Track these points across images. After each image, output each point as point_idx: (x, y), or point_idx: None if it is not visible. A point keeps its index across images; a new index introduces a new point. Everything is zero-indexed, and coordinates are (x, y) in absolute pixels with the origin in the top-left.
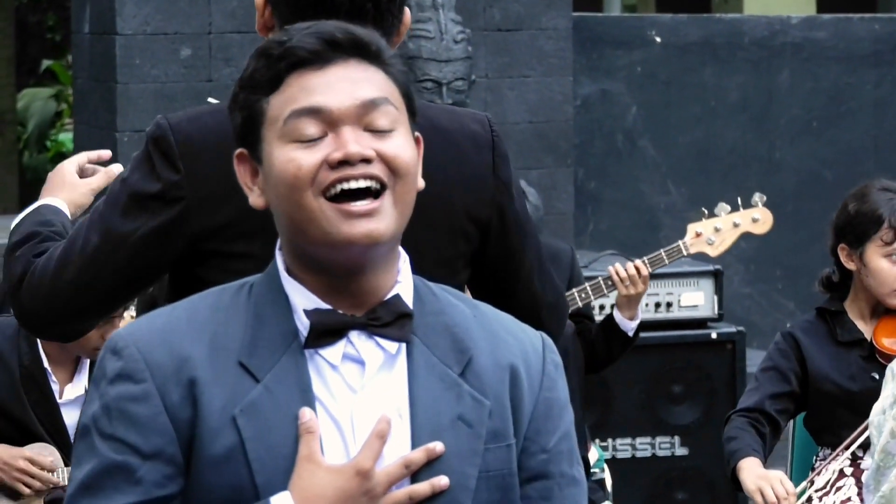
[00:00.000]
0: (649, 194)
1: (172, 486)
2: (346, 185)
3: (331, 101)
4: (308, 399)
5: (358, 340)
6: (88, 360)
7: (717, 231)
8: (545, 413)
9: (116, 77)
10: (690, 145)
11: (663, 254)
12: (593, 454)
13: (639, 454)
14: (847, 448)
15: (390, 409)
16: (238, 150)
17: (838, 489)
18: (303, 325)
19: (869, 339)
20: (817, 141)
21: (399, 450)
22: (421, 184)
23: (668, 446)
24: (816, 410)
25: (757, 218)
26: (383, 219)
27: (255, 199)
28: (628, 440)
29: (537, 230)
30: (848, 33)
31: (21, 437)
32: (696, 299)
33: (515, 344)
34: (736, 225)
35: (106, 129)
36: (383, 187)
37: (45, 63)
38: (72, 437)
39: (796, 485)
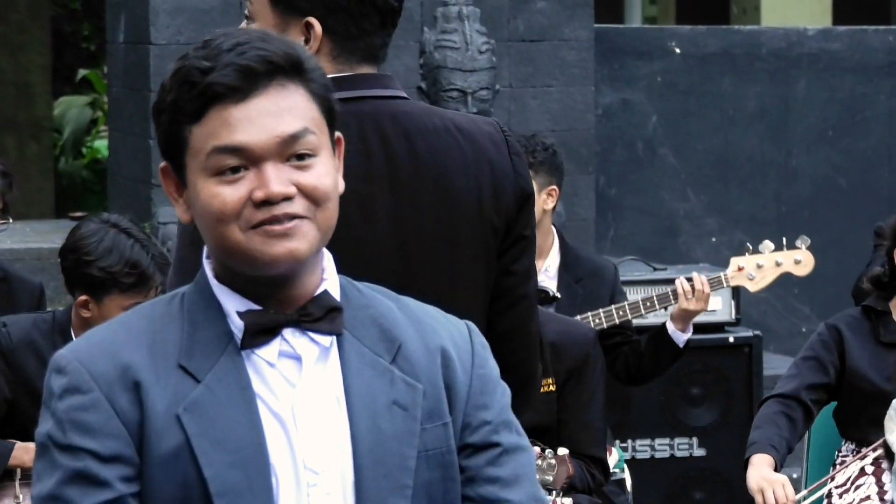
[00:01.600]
0: (669, 201)
1: (133, 485)
2: (268, 227)
3: (251, 138)
4: (249, 396)
5: (292, 337)
6: None
7: (759, 268)
8: (480, 388)
9: (150, 85)
10: (709, 153)
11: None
12: (614, 455)
13: (658, 455)
14: (876, 450)
15: (329, 397)
16: (163, 164)
17: (858, 487)
18: (236, 327)
19: None
20: (833, 149)
21: (339, 435)
22: (341, 186)
23: (686, 447)
24: (848, 405)
25: (799, 260)
26: (304, 239)
27: (182, 213)
28: (647, 441)
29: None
30: (863, 45)
31: None
32: (714, 304)
33: (441, 329)
34: (778, 264)
35: (140, 136)
36: (304, 218)
37: (81, 72)
38: None
39: (813, 480)
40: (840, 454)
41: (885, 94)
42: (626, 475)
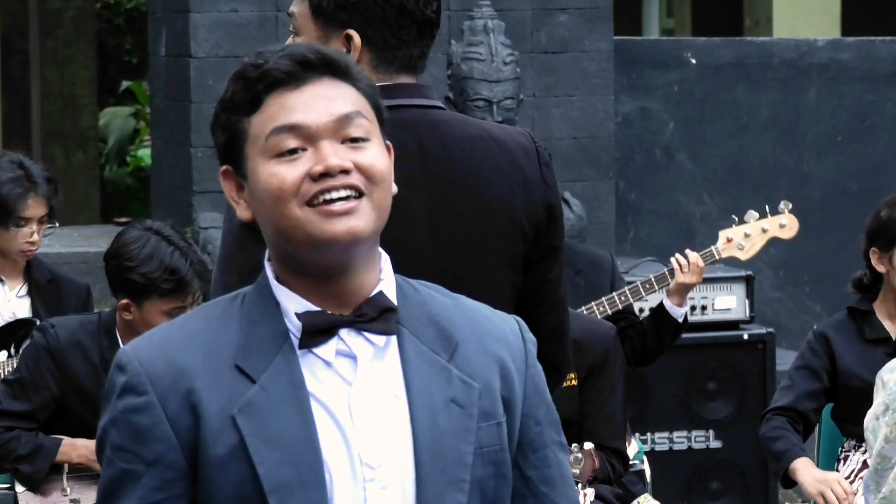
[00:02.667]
0: (685, 204)
1: (174, 488)
2: (327, 196)
3: (309, 117)
4: (302, 395)
5: (348, 337)
6: None
7: (746, 237)
8: (533, 388)
9: (191, 97)
10: (724, 159)
11: (699, 256)
12: (633, 447)
13: (676, 447)
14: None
15: (386, 394)
16: (223, 167)
17: (861, 479)
18: (294, 326)
19: (894, 338)
20: (842, 154)
21: (397, 430)
22: (394, 188)
23: (703, 440)
24: (843, 403)
25: (784, 224)
26: (362, 217)
27: (242, 212)
28: (666, 434)
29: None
30: (871, 54)
31: None
32: (728, 303)
33: (495, 329)
34: (764, 230)
35: (181, 145)
36: (361, 194)
37: (124, 84)
38: None
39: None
40: (843, 450)
41: (893, 102)
42: (646, 466)
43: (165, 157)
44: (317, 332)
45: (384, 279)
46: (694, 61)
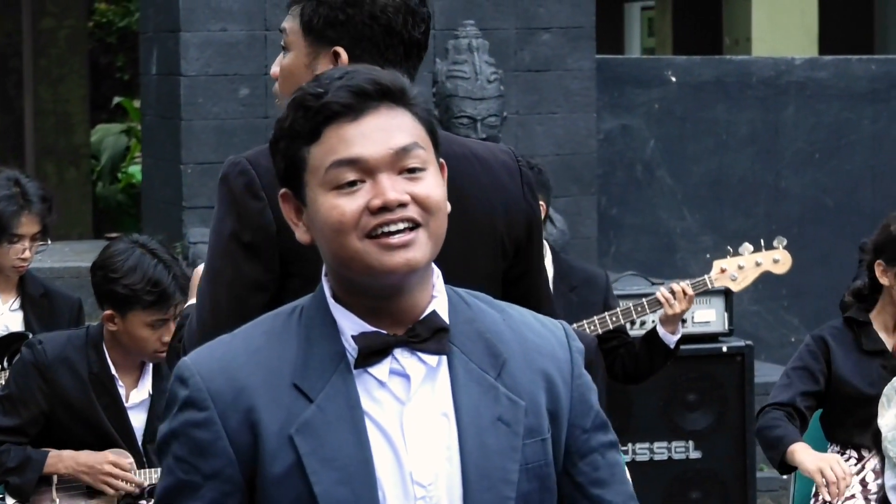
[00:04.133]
0: (666, 220)
1: (230, 501)
2: (385, 229)
3: (367, 151)
4: (357, 416)
5: (402, 357)
6: (151, 366)
7: (740, 268)
8: (580, 398)
9: (181, 114)
10: (704, 175)
11: (690, 285)
12: None
13: (656, 457)
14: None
15: (436, 413)
16: (283, 191)
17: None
18: (350, 346)
19: (891, 350)
20: (820, 171)
21: (446, 449)
22: (448, 207)
23: (683, 450)
24: (834, 409)
25: (778, 259)
26: (419, 249)
27: (302, 234)
28: (647, 444)
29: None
30: (847, 73)
31: (95, 440)
32: (708, 316)
33: (543, 343)
34: (758, 264)
35: (171, 161)
36: (417, 225)
37: (116, 99)
38: (139, 440)
39: (803, 478)
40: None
41: (869, 119)
42: (627, 476)
43: (156, 173)
44: (372, 353)
45: (437, 296)
46: (674, 80)
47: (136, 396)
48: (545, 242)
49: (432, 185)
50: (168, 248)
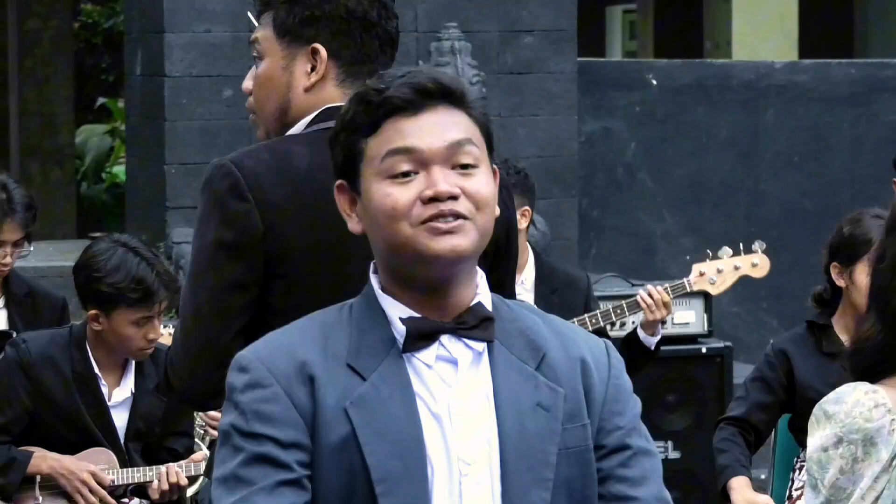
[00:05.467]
0: (646, 222)
1: (307, 469)
2: (434, 224)
3: (422, 143)
4: (409, 395)
5: (448, 343)
6: (134, 364)
7: (719, 272)
8: (615, 396)
9: (165, 115)
10: (684, 177)
11: (669, 289)
12: None
13: None
14: None
15: (480, 398)
16: (338, 182)
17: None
18: (399, 333)
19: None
20: (799, 174)
21: (488, 431)
22: (497, 210)
23: (662, 450)
24: (801, 415)
25: (756, 263)
26: (466, 237)
27: (354, 225)
28: None
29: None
30: (827, 77)
31: (78, 439)
32: (687, 317)
33: (582, 342)
34: (737, 268)
35: (155, 161)
36: (466, 219)
37: (100, 100)
38: (122, 439)
39: (779, 481)
40: (798, 460)
41: (848, 123)
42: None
43: (140, 173)
44: (421, 336)
45: (480, 293)
46: (655, 83)
47: (119, 395)
48: (527, 245)
49: (483, 183)
50: (150, 246)
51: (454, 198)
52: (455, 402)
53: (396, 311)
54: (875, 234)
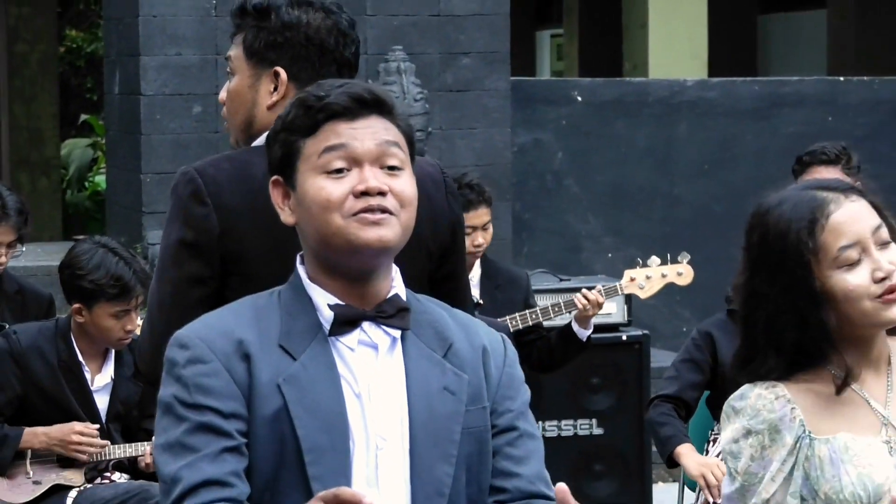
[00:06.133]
0: (573, 223)
1: (245, 438)
2: (364, 215)
3: (356, 143)
4: (334, 375)
5: (369, 329)
6: (114, 353)
7: (647, 278)
8: (508, 383)
9: (141, 129)
10: (606, 184)
11: (602, 291)
12: None
13: (564, 434)
14: None
15: (394, 380)
16: (274, 177)
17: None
18: (325, 318)
19: None
20: (709, 181)
21: (401, 411)
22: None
23: (587, 427)
24: (720, 392)
25: (681, 272)
26: (391, 229)
27: (287, 217)
28: (555, 422)
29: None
30: (733, 93)
31: (64, 420)
32: (610, 309)
33: (483, 334)
34: (664, 276)
35: (133, 172)
36: (392, 214)
37: (82, 117)
38: (103, 419)
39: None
40: (713, 433)
41: (752, 135)
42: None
43: (119, 182)
44: (346, 322)
45: (396, 286)
46: (580, 99)
47: (101, 381)
48: None
49: (407, 184)
50: (128, 247)
51: (382, 194)
52: (374, 384)
53: (323, 299)
54: None
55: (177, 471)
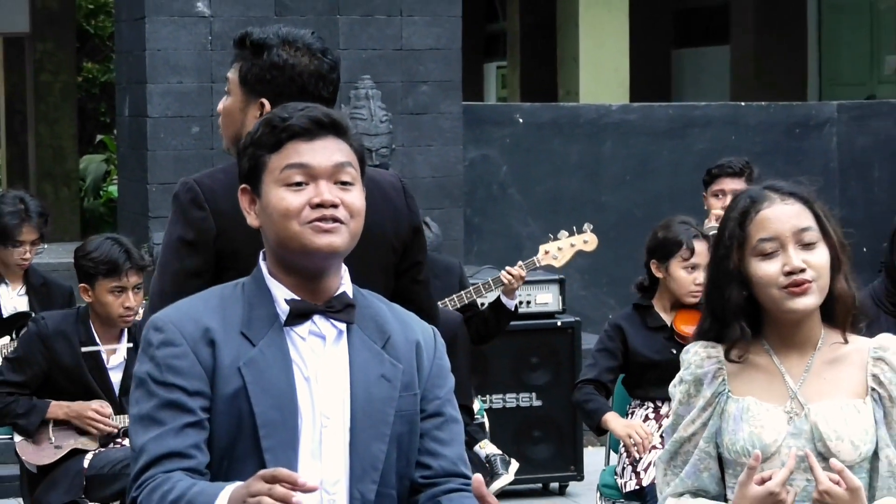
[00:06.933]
0: (515, 226)
1: (208, 414)
2: (318, 223)
3: (314, 161)
4: (287, 360)
5: (319, 321)
6: (126, 335)
7: (560, 249)
8: (437, 373)
9: (147, 146)
10: (544, 193)
11: (523, 265)
12: (477, 405)
13: (507, 405)
14: (655, 410)
15: (339, 367)
16: (242, 185)
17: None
18: (282, 310)
19: (670, 325)
20: (631, 190)
21: (343, 394)
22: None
23: (527, 400)
24: (632, 374)
25: (587, 240)
26: (341, 237)
27: (252, 220)
28: (500, 395)
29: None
30: (651, 116)
31: (82, 393)
32: (546, 298)
33: (417, 328)
34: (573, 245)
35: (140, 183)
36: (342, 223)
37: (98, 137)
38: (116, 393)
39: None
40: (630, 407)
41: (668, 151)
42: (485, 419)
43: (129, 191)
44: (299, 314)
45: (344, 284)
46: (522, 121)
47: (115, 360)
48: None
49: (357, 197)
50: (129, 239)
51: (335, 206)
52: (321, 370)
53: (281, 293)
54: (683, 237)
55: (145, 443)
